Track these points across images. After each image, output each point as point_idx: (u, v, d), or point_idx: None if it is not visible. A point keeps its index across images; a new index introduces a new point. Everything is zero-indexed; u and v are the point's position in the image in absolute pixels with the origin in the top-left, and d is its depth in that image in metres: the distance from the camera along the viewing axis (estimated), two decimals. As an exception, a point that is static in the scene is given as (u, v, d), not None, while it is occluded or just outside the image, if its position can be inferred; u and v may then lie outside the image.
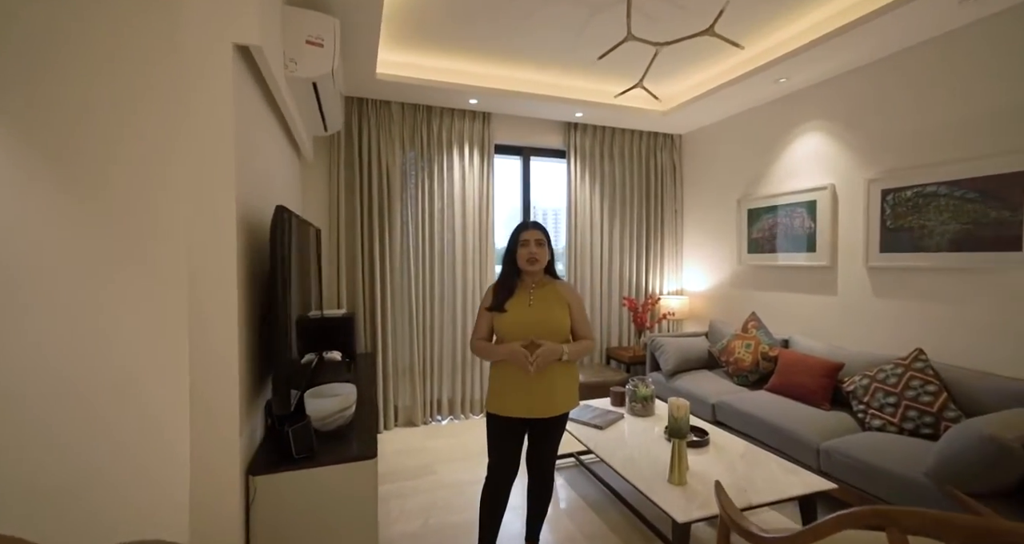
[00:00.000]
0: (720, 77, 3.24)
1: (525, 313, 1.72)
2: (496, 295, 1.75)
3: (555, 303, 1.76)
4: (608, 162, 4.09)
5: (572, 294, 1.82)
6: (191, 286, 1.33)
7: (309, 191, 3.25)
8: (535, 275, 1.79)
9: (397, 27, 2.65)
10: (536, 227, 1.77)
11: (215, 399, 1.37)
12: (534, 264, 1.74)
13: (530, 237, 1.74)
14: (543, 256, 1.75)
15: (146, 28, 1.25)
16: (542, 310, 1.73)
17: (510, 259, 1.78)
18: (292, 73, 1.85)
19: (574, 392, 1.83)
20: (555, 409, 1.75)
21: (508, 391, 1.72)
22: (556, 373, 1.74)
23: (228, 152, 1.35)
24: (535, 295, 1.76)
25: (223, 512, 1.38)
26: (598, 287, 4.07)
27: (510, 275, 1.77)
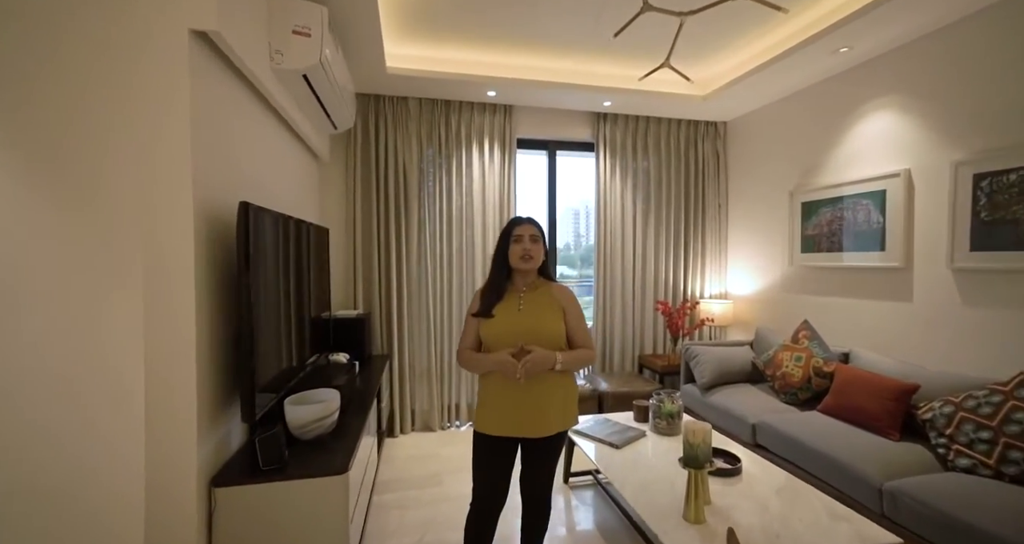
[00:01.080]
0: (767, 52, 2.86)
1: (514, 319, 1.52)
2: (483, 299, 1.57)
3: (548, 307, 1.56)
4: (642, 154, 3.78)
5: (568, 297, 1.62)
6: (147, 286, 1.27)
7: (327, 191, 3.24)
8: (527, 276, 1.60)
9: (405, 19, 2.55)
10: (530, 222, 1.59)
11: (171, 405, 1.30)
12: (528, 262, 1.54)
13: (524, 232, 1.55)
14: (538, 254, 1.56)
15: (99, 13, 1.20)
16: (533, 315, 1.54)
17: (500, 258, 1.58)
18: (278, 65, 1.78)
19: (572, 408, 1.62)
20: (548, 428, 1.54)
21: (496, 407, 1.53)
22: (550, 386, 1.54)
23: (184, 146, 1.28)
24: (526, 299, 1.57)
25: (178, 524, 1.31)
26: (630, 290, 3.77)
27: (500, 276, 1.58)
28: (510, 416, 1.51)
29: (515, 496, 1.62)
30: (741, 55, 3.03)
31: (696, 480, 1.58)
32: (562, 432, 1.59)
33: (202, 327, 1.35)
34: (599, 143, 3.68)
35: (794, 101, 3.26)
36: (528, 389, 1.49)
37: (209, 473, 1.40)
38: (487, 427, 1.53)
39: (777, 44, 2.80)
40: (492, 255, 1.62)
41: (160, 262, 1.28)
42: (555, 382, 1.55)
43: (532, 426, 1.52)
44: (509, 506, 1.64)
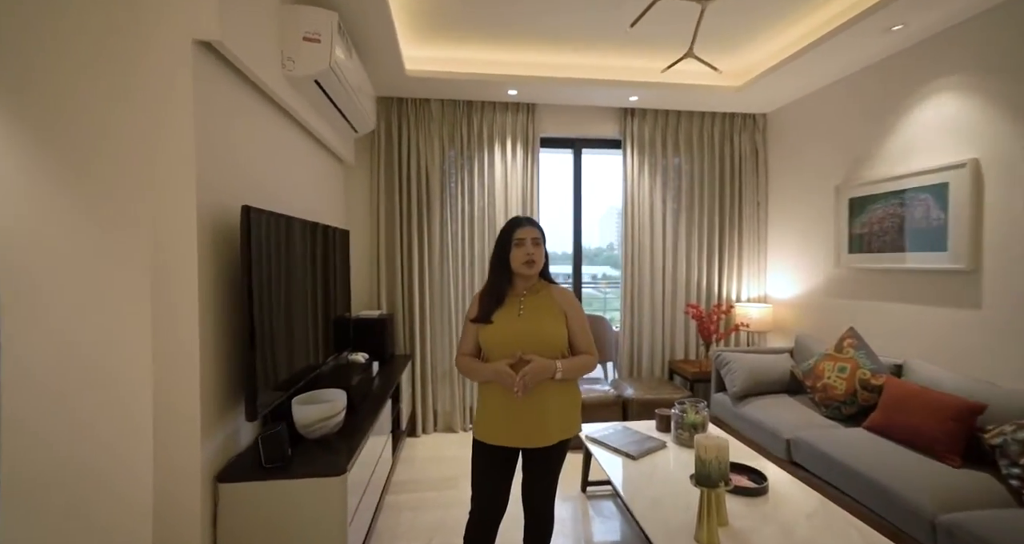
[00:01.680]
0: (808, 36, 2.63)
1: (515, 324, 1.47)
2: (482, 304, 1.51)
3: (548, 312, 1.50)
4: (672, 151, 3.61)
5: (569, 301, 1.55)
6: (154, 287, 1.33)
7: (353, 194, 3.32)
8: (528, 280, 1.53)
9: (421, 21, 2.56)
10: (532, 224, 1.53)
11: (176, 401, 1.35)
12: (532, 267, 1.48)
13: (526, 235, 1.48)
14: (540, 257, 1.50)
15: (108, 26, 1.27)
16: (533, 320, 1.47)
17: (500, 261, 1.52)
18: (290, 72, 1.83)
19: (574, 416, 1.56)
20: (549, 437, 1.48)
21: (495, 415, 1.48)
22: (550, 394, 1.47)
23: (188, 152, 1.33)
24: (526, 303, 1.51)
25: (183, 517, 1.36)
26: (660, 292, 3.61)
27: (500, 280, 1.52)
28: (509, 425, 1.46)
29: (516, 506, 1.57)
30: (779, 41, 2.81)
31: (709, 499, 1.46)
32: (564, 441, 1.52)
33: (206, 327, 1.39)
34: (626, 140, 3.55)
35: (841, 88, 3.00)
36: (528, 397, 1.43)
37: (214, 469, 1.45)
38: (486, 436, 1.48)
39: (820, 26, 2.57)
40: (490, 257, 1.56)
41: (165, 264, 1.33)
42: (556, 390, 1.48)
43: (532, 436, 1.46)
44: (511, 515, 1.59)
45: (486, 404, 1.51)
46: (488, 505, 1.51)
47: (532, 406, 1.45)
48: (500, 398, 1.47)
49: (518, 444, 1.47)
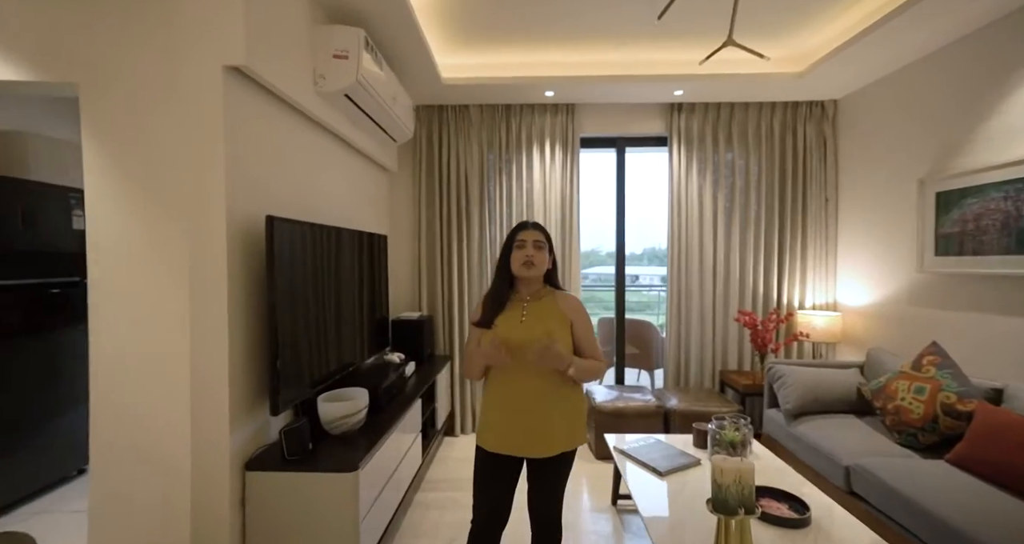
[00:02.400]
0: (883, 7, 2.32)
1: (515, 330, 1.44)
2: (484, 309, 1.50)
3: (552, 319, 1.46)
4: (724, 146, 3.36)
5: (575, 308, 1.51)
6: (192, 290, 1.48)
7: (397, 200, 3.46)
8: (531, 284, 1.51)
9: (453, 29, 2.61)
10: (536, 227, 1.50)
11: (209, 395, 1.49)
12: (530, 268, 1.45)
13: (527, 238, 1.46)
14: (541, 261, 1.47)
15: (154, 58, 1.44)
16: (536, 327, 1.43)
17: (503, 265, 1.51)
18: (322, 88, 1.95)
19: (580, 426, 1.51)
20: (552, 448, 1.44)
21: (498, 422, 1.47)
22: (555, 401, 1.44)
23: (219, 168, 1.46)
24: (529, 309, 1.48)
25: (215, 499, 1.50)
26: (710, 297, 3.37)
27: (503, 285, 1.50)
28: (512, 433, 1.44)
29: (523, 512, 1.55)
30: (848, 17, 2.51)
31: (725, 528, 1.34)
32: (568, 452, 1.48)
33: (235, 327, 1.52)
34: (672, 136, 3.36)
35: (926, 65, 2.61)
36: (533, 402, 1.42)
37: (244, 456, 1.58)
38: (488, 443, 1.47)
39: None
40: (496, 261, 1.55)
41: (200, 271, 1.48)
42: (561, 395, 1.45)
43: (535, 445, 1.43)
44: (520, 521, 1.57)
45: (490, 410, 1.50)
46: (489, 514, 1.49)
47: (537, 413, 1.42)
48: (504, 405, 1.46)
49: (520, 453, 1.44)
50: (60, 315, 2.58)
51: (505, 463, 1.47)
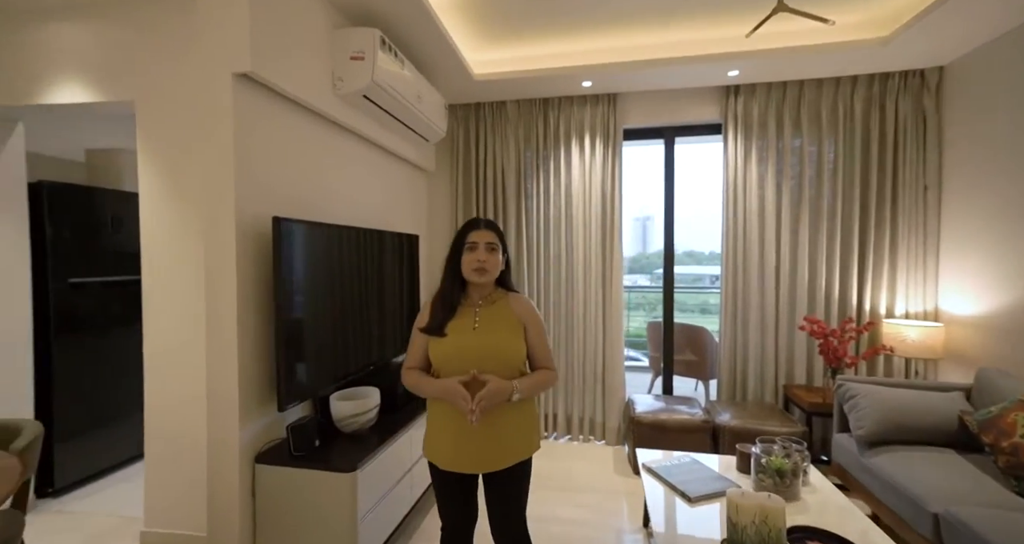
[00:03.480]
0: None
1: (469, 339, 1.32)
2: (433, 314, 1.37)
3: (506, 324, 1.35)
4: (791, 130, 2.96)
5: (528, 311, 1.40)
6: (206, 289, 1.56)
7: (435, 199, 3.49)
8: (483, 288, 1.39)
9: (483, 25, 2.54)
10: (488, 226, 1.38)
11: (221, 389, 1.56)
12: (483, 275, 1.34)
13: (479, 239, 1.34)
14: (494, 265, 1.35)
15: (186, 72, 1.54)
16: (490, 334, 1.33)
17: (453, 267, 1.38)
18: (340, 91, 1.98)
19: (531, 436, 1.39)
20: (503, 461, 1.33)
21: (443, 438, 1.34)
22: (508, 415, 1.32)
23: (228, 172, 1.52)
24: (482, 314, 1.36)
25: (226, 487, 1.57)
26: (772, 303, 2.99)
27: (452, 288, 1.37)
28: (459, 448, 1.32)
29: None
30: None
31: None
32: (524, 461, 1.37)
33: (245, 325, 1.58)
34: (728, 123, 3.03)
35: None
36: (482, 419, 1.27)
37: (255, 450, 1.64)
38: (439, 460, 1.35)
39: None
40: (444, 261, 1.42)
41: (214, 269, 1.55)
42: (511, 409, 1.32)
43: (484, 461, 1.32)
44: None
45: (434, 423, 1.38)
46: (455, 520, 1.42)
47: (485, 429, 1.29)
48: (449, 418, 1.33)
49: (470, 469, 1.33)
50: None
51: (461, 478, 1.37)
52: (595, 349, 3.21)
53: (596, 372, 3.22)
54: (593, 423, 3.26)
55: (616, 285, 3.19)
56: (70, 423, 2.54)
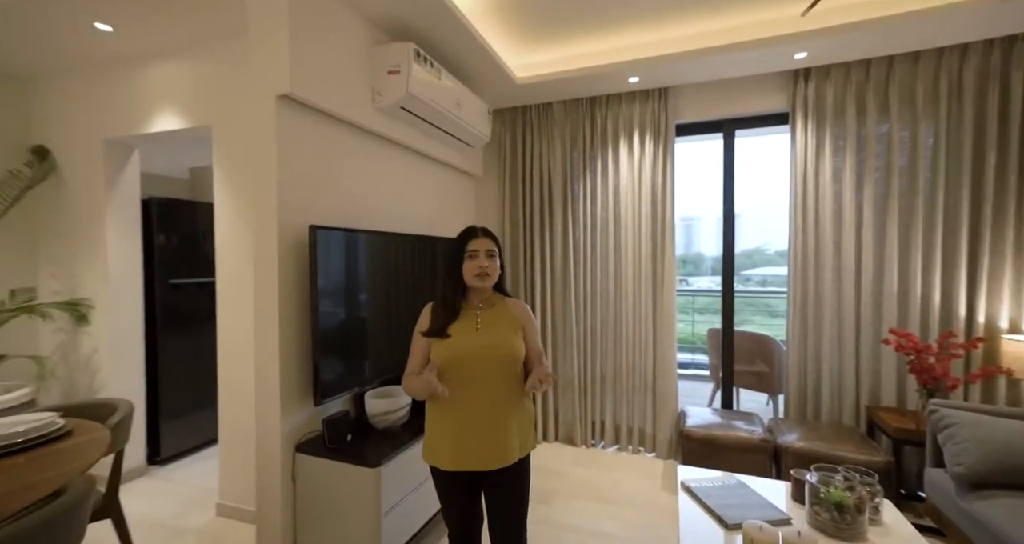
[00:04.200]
0: None
1: (471, 338, 1.37)
2: (435, 317, 1.42)
3: (507, 325, 1.42)
4: (876, 115, 2.59)
5: (525, 314, 1.49)
6: (255, 292, 1.74)
7: (484, 204, 3.54)
8: (483, 293, 1.45)
9: (521, 29, 2.54)
10: (486, 235, 1.45)
11: (265, 383, 1.73)
12: (485, 280, 1.41)
13: (479, 247, 1.41)
14: (494, 271, 1.43)
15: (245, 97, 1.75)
16: (493, 335, 1.39)
17: (454, 273, 1.43)
18: (378, 104, 2.09)
19: (530, 431, 1.47)
20: (508, 457, 1.36)
21: (447, 438, 1.36)
22: (510, 409, 1.38)
23: (271, 181, 1.69)
24: (483, 317, 1.42)
25: (270, 473, 1.73)
26: (851, 311, 2.63)
27: (454, 293, 1.43)
28: (466, 447, 1.34)
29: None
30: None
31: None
32: (524, 461, 1.41)
33: (286, 327, 1.73)
34: (796, 111, 2.72)
35: None
36: (487, 414, 1.34)
37: (295, 440, 1.78)
38: (444, 463, 1.37)
39: None
40: (443, 269, 1.47)
41: (260, 274, 1.72)
42: (514, 403, 1.40)
43: (493, 456, 1.34)
44: None
45: (433, 425, 1.41)
46: (461, 525, 1.44)
47: (492, 425, 1.35)
48: (448, 417, 1.36)
49: (479, 467, 1.34)
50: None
51: (466, 480, 1.40)
52: (645, 355, 3.06)
53: (646, 380, 3.06)
54: (643, 434, 3.11)
55: (668, 288, 3.01)
56: (173, 404, 2.96)
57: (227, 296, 2.25)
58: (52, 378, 2.73)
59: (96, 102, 2.58)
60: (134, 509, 2.36)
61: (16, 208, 2.64)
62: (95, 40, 2.25)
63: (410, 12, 2.04)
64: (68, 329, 2.72)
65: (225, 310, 2.26)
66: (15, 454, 1.38)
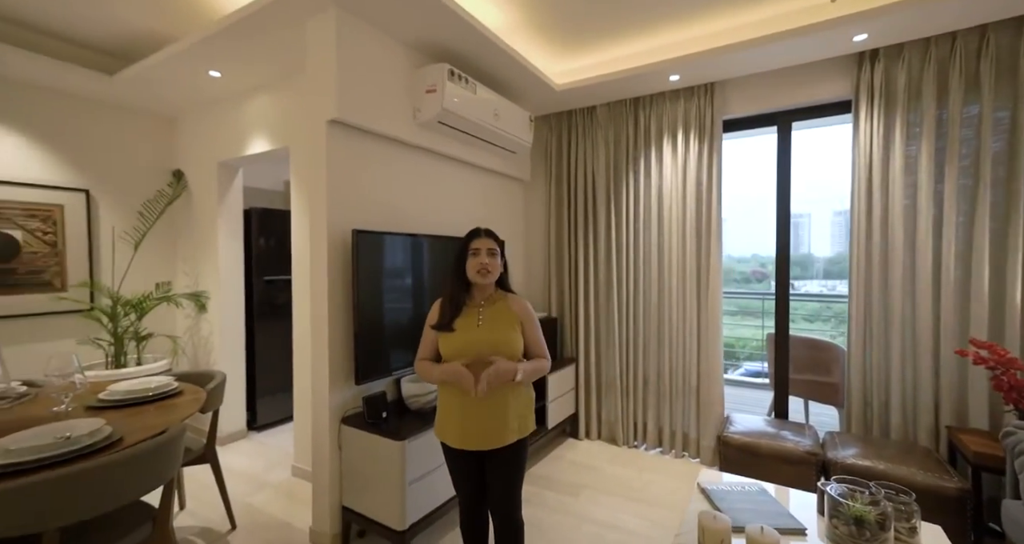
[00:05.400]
0: None
1: (474, 333, 1.52)
2: (442, 312, 1.57)
3: (506, 321, 1.55)
4: (962, 95, 2.27)
5: (525, 310, 1.60)
6: (311, 288, 2.07)
7: (533, 207, 3.68)
8: (486, 289, 1.60)
9: (556, 38, 2.65)
10: (488, 235, 1.59)
11: (318, 365, 2.05)
12: (485, 276, 1.55)
13: (481, 246, 1.56)
14: (495, 268, 1.57)
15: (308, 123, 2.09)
16: (492, 330, 1.53)
17: (458, 271, 1.58)
18: (418, 120, 2.35)
19: (528, 417, 1.59)
20: (505, 438, 1.51)
21: (453, 419, 1.53)
22: (509, 396, 1.51)
23: (322, 193, 2.01)
24: (485, 313, 1.57)
25: (323, 441, 2.06)
26: (928, 320, 2.34)
27: (458, 289, 1.58)
28: (469, 429, 1.50)
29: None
30: None
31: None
32: (522, 440, 1.55)
33: (335, 318, 2.03)
34: (861, 97, 2.47)
35: None
36: (486, 401, 1.48)
37: (341, 414, 2.08)
38: (449, 439, 1.54)
39: None
40: (450, 266, 1.61)
41: (314, 273, 2.05)
42: (513, 393, 1.53)
43: (490, 438, 1.50)
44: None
45: (443, 407, 1.57)
46: (468, 494, 1.61)
47: (491, 409, 1.49)
48: (455, 401, 1.52)
49: (480, 447, 1.50)
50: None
51: (470, 457, 1.56)
52: (688, 359, 2.98)
53: (689, 384, 2.98)
54: (687, 438, 3.02)
55: (714, 290, 2.90)
56: (266, 381, 3.52)
57: (298, 291, 2.67)
58: (182, 354, 3.41)
59: (211, 132, 3.19)
60: (233, 462, 2.89)
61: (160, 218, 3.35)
62: (208, 83, 2.80)
63: (445, 37, 2.26)
64: (193, 315, 3.38)
65: (297, 303, 2.68)
66: (147, 404, 1.83)
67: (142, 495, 1.38)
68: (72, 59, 2.68)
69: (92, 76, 2.72)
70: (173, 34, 2.54)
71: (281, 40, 2.23)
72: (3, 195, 2.69)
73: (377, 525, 1.94)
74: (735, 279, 5.54)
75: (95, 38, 2.65)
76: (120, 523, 1.52)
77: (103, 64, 2.80)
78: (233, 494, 2.40)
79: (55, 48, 2.62)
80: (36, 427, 1.45)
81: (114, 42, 2.70)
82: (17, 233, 2.74)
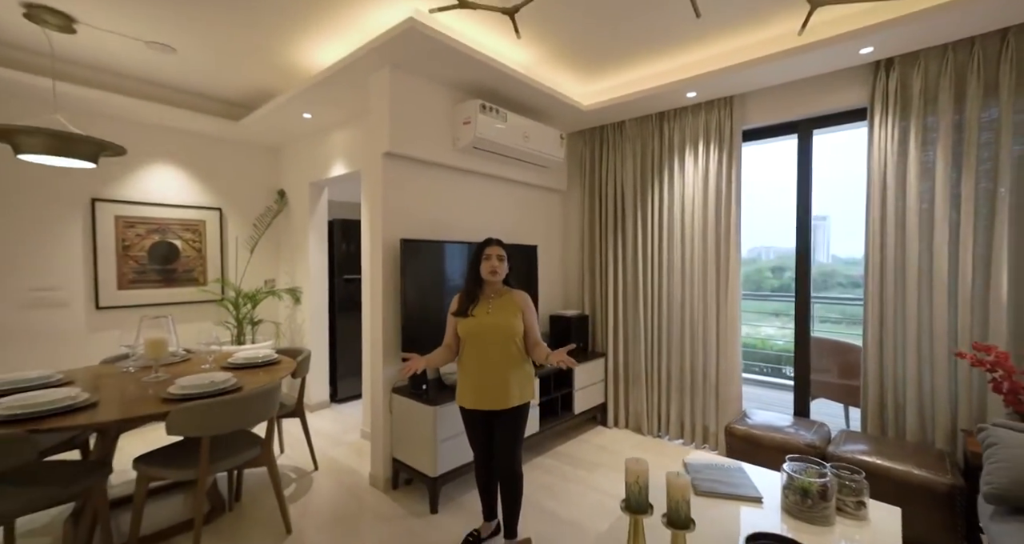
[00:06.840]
0: None
1: (485, 319, 1.96)
2: (461, 302, 2.02)
3: (510, 310, 1.99)
4: (980, 100, 2.27)
5: (525, 303, 2.03)
6: (369, 286, 2.65)
7: (571, 215, 4.04)
8: (495, 286, 2.00)
9: (579, 65, 2.99)
10: (497, 243, 2.03)
11: (374, 347, 2.63)
12: (495, 275, 1.98)
13: (492, 252, 2.00)
14: (502, 269, 2.01)
15: (367, 155, 2.68)
16: (499, 316, 1.97)
17: (474, 271, 2.02)
18: (457, 147, 2.84)
19: (529, 387, 2.02)
20: (509, 402, 1.93)
21: (469, 386, 1.99)
22: (510, 368, 1.94)
23: (378, 209, 2.57)
24: (494, 304, 1.99)
25: (379, 407, 2.62)
26: (944, 325, 2.35)
27: (474, 285, 2.02)
28: (482, 394, 1.95)
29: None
30: None
31: (637, 530, 1.37)
32: (522, 405, 1.98)
33: (388, 310, 2.59)
34: (875, 104, 2.53)
35: None
36: (494, 370, 1.92)
37: (391, 384, 2.64)
38: (466, 402, 2.00)
39: None
40: (467, 266, 2.08)
41: (373, 275, 2.63)
42: (513, 364, 1.96)
43: (498, 400, 1.93)
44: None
45: (462, 378, 2.02)
46: (481, 449, 2.05)
47: (497, 377, 1.93)
48: (474, 373, 1.97)
49: (489, 407, 1.94)
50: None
51: (480, 417, 2.00)
52: (708, 358, 3.16)
53: (709, 381, 3.16)
54: (707, 431, 3.21)
55: (732, 293, 3.06)
56: (345, 363, 4.26)
57: (365, 288, 3.30)
58: (283, 336, 4.26)
59: (304, 159, 3.98)
60: (318, 425, 3.62)
61: (268, 229, 4.22)
62: (303, 122, 3.55)
63: (478, 78, 2.74)
64: (291, 307, 4.21)
65: (364, 298, 3.31)
66: (257, 367, 2.52)
67: (254, 425, 2.03)
68: (206, 110, 3.56)
69: (223, 122, 3.59)
70: (278, 87, 3.30)
71: (353, 90, 2.85)
72: (169, 214, 3.66)
73: (416, 472, 2.46)
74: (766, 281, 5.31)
75: (224, 93, 3.51)
76: (242, 443, 2.18)
77: (228, 112, 3.67)
78: (317, 447, 3.08)
79: (192, 102, 3.51)
80: (194, 375, 2.15)
81: (236, 95, 3.54)
82: (177, 242, 3.71)
